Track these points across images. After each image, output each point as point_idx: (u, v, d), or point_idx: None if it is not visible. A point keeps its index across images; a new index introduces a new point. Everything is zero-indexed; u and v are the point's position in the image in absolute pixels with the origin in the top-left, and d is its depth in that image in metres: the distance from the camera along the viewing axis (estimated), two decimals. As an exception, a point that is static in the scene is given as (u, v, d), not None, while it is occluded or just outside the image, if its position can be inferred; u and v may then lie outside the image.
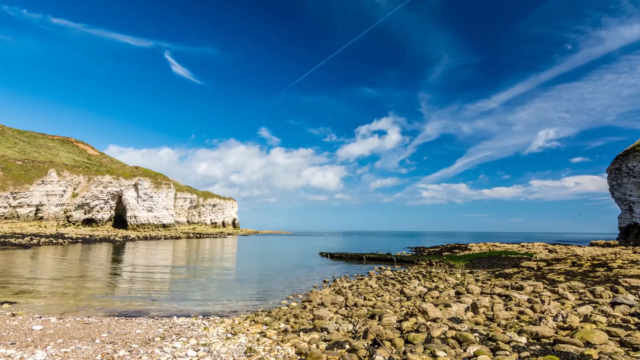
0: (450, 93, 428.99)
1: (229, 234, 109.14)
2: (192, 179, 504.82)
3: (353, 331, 8.68)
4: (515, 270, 21.56)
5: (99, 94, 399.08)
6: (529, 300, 11.09)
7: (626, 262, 22.79)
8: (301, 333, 8.60)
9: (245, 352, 7.30)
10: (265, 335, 8.63)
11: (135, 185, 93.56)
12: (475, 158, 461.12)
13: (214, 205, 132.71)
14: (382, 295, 14.01)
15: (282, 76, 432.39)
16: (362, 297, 14.01)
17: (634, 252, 31.73)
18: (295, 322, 9.89)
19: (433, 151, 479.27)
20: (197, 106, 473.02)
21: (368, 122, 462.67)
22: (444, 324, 8.65)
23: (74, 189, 79.79)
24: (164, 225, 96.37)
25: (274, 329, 9.21)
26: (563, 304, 11.01)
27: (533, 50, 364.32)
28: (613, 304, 10.36)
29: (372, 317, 10.18)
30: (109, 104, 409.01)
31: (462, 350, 6.71)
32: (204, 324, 9.99)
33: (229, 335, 8.70)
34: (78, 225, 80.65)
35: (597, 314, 9.19)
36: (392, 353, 6.75)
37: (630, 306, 9.89)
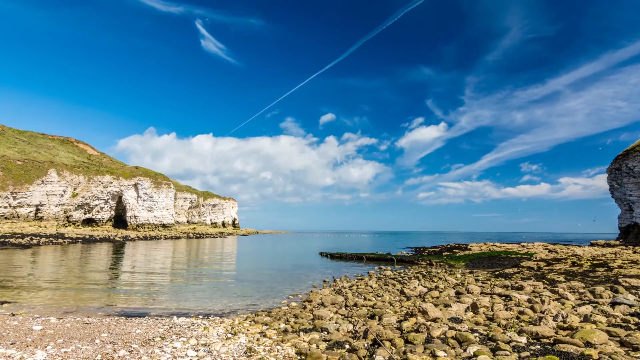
0: (503, 76, 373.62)
1: (229, 234, 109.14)
2: (220, 177, 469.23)
3: (353, 331, 8.68)
4: (515, 270, 21.56)
5: (109, 76, 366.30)
6: (529, 300, 11.09)
7: (626, 262, 22.79)
8: (301, 333, 8.60)
9: (245, 352, 7.30)
10: (265, 335, 8.63)
11: (135, 185, 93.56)
12: (504, 154, 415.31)
13: (214, 205, 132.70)
14: (382, 295, 14.00)
15: (319, 56, 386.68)
16: (362, 297, 14.01)
17: (634, 252, 31.72)
18: (295, 322, 9.89)
19: (462, 146, 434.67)
20: (226, 89, 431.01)
21: (403, 112, 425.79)
22: (444, 324, 8.64)
23: (74, 189, 79.79)
24: (164, 225, 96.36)
25: (274, 329, 9.21)
26: (563, 304, 11.01)
27: (621, 21, 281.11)
28: (613, 304, 10.36)
29: (372, 317, 10.17)
30: (119, 87, 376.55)
31: (462, 350, 6.71)
32: (204, 324, 9.99)
33: (229, 335, 8.70)
34: (78, 225, 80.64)
35: (597, 314, 9.19)
36: (392, 353, 6.75)
37: (630, 306, 9.88)
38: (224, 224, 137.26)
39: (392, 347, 7.13)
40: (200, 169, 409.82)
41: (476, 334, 7.67)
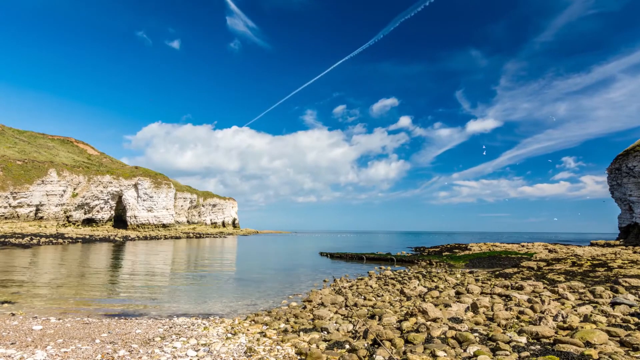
0: (547, 62, 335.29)
1: (229, 234, 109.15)
2: (242, 173, 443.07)
3: (353, 331, 8.68)
4: (515, 270, 21.55)
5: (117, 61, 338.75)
6: (529, 300, 11.09)
7: (626, 262, 22.79)
8: (301, 333, 8.60)
9: (245, 352, 7.30)
10: (265, 335, 8.63)
11: (135, 185, 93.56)
12: (526, 151, 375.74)
13: (214, 205, 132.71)
14: (382, 295, 14.01)
15: (353, 37, 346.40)
16: (362, 297, 14.01)
17: (634, 252, 31.73)
18: (295, 322, 9.89)
19: (483, 142, 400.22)
20: (249, 76, 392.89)
21: (429, 104, 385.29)
22: (444, 324, 8.64)
23: (74, 189, 79.79)
24: (164, 225, 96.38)
25: (274, 329, 9.21)
26: (563, 304, 11.01)
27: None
28: (613, 304, 10.36)
29: (372, 317, 10.18)
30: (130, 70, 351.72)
31: (462, 350, 6.71)
32: (204, 323, 9.99)
33: (229, 335, 8.70)
34: (78, 225, 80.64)
35: (597, 314, 9.19)
36: (392, 353, 6.75)
37: (630, 306, 9.88)
38: (224, 224, 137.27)
39: (392, 347, 7.13)
40: (221, 164, 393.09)
41: (476, 334, 7.67)
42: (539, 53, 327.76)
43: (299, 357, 7.02)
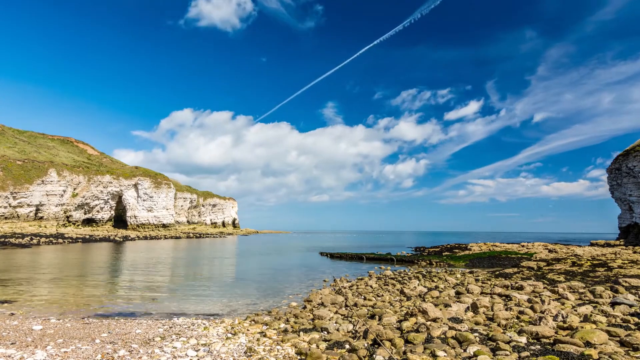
0: (595, 47, 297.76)
1: (229, 234, 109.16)
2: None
3: (353, 331, 8.68)
4: (515, 270, 21.55)
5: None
6: (529, 300, 11.09)
7: (626, 262, 22.79)
8: (301, 333, 8.60)
9: (245, 352, 7.29)
10: (265, 335, 8.63)
11: (135, 185, 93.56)
12: (547, 148, 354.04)
13: (214, 205, 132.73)
14: (382, 295, 14.00)
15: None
16: (362, 297, 14.01)
17: (634, 252, 31.72)
18: (296, 322, 9.89)
19: (504, 138, 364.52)
20: (285, 62, 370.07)
21: (455, 97, 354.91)
22: (444, 324, 8.64)
23: (74, 189, 79.78)
24: (164, 225, 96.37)
25: (274, 329, 9.21)
26: (563, 304, 11.01)
27: None
28: (613, 304, 10.36)
29: (372, 317, 10.18)
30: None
31: (462, 350, 6.71)
32: (204, 323, 9.99)
33: (229, 335, 8.70)
34: (78, 225, 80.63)
35: (597, 314, 9.19)
36: (392, 353, 6.74)
37: (630, 306, 9.88)
38: (224, 224, 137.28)
39: (392, 347, 7.13)
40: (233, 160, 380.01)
41: (476, 334, 7.66)
42: (590, 36, 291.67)
43: (299, 357, 7.02)
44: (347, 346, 7.39)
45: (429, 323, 8.46)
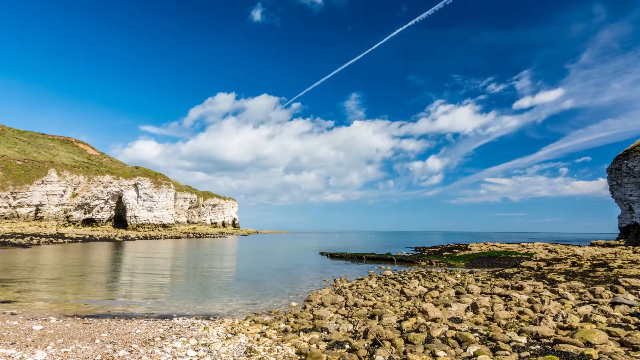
0: None
1: (229, 234, 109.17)
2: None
3: (353, 331, 8.68)
4: (515, 270, 21.55)
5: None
6: (529, 300, 11.09)
7: (626, 262, 22.79)
8: (301, 333, 8.59)
9: (245, 352, 7.29)
10: (265, 335, 8.63)
11: (135, 185, 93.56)
12: (570, 145, 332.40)
13: (214, 205, 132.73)
14: (382, 295, 14.00)
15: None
16: (362, 297, 14.01)
17: (634, 252, 31.72)
18: (296, 322, 9.89)
19: (528, 134, 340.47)
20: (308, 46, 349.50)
21: (489, 89, 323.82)
22: (444, 324, 8.64)
23: (74, 189, 79.79)
24: (164, 225, 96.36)
25: (274, 329, 9.21)
26: (563, 304, 11.01)
27: None
28: (613, 304, 10.36)
29: (372, 317, 10.18)
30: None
31: (462, 350, 6.71)
32: (204, 324, 9.99)
33: (229, 335, 8.70)
34: (78, 225, 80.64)
35: (597, 314, 9.19)
36: (392, 353, 6.74)
37: (630, 306, 9.88)
38: (224, 224, 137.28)
39: (392, 347, 7.13)
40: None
41: (476, 334, 7.66)
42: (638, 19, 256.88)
43: (299, 357, 7.02)
44: (347, 346, 7.39)
45: (429, 323, 8.46)
